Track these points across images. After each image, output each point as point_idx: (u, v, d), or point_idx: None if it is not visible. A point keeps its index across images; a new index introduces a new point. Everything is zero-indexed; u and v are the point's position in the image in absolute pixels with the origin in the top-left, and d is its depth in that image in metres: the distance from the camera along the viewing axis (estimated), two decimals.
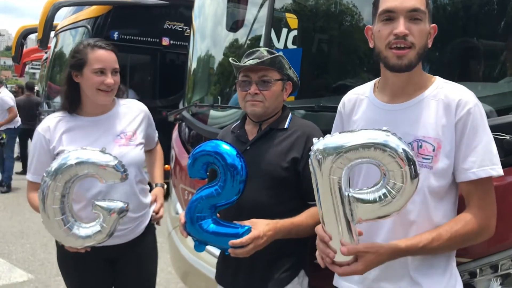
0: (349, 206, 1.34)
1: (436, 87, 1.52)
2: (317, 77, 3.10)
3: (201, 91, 3.89)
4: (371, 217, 1.35)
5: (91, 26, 6.99)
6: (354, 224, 1.37)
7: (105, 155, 1.84)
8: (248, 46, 3.34)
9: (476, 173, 1.42)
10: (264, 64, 1.82)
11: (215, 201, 1.70)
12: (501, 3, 2.13)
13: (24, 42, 11.01)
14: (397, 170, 1.26)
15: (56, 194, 1.79)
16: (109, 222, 1.86)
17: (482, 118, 1.45)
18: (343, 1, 2.84)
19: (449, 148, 1.46)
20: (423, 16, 1.44)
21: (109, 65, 2.08)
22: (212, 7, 3.86)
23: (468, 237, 1.45)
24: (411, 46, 1.44)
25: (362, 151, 1.27)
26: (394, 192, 1.29)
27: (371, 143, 1.27)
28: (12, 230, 6.03)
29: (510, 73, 2.08)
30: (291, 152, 1.84)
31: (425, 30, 1.46)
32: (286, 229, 1.72)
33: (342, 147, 1.28)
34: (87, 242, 1.88)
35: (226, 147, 1.70)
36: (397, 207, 1.31)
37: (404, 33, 1.41)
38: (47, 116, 2.22)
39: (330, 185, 1.33)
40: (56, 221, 1.82)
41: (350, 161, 1.29)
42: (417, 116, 1.50)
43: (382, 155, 1.26)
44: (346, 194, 1.33)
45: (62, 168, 1.78)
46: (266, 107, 1.87)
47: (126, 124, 2.21)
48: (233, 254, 1.66)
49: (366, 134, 1.30)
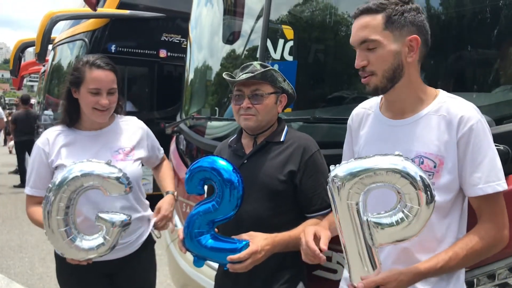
0: (368, 230, 1.37)
1: (439, 102, 1.52)
2: (313, 89, 3.12)
3: (198, 103, 3.91)
4: (390, 240, 1.37)
5: (88, 39, 7.03)
6: (375, 248, 1.39)
7: (110, 167, 1.85)
8: (245, 57, 3.37)
9: (483, 189, 1.43)
10: (256, 78, 1.83)
11: (213, 216, 1.71)
12: (495, 12, 2.16)
13: (22, 55, 11.07)
14: (413, 193, 1.31)
15: (61, 205, 1.80)
16: (112, 235, 1.86)
17: (485, 133, 1.45)
18: (338, 12, 2.87)
19: (452, 164, 1.46)
20: (376, 43, 1.46)
21: (105, 85, 2.08)
22: (208, 19, 3.89)
23: (483, 252, 1.45)
24: (372, 74, 1.49)
25: (378, 176, 1.32)
26: (411, 216, 1.32)
27: (387, 168, 1.32)
28: (10, 244, 6.01)
29: (504, 83, 2.10)
30: (288, 165, 1.85)
31: (384, 54, 1.46)
32: (284, 242, 1.73)
33: (359, 173, 1.33)
34: (89, 255, 1.87)
35: (222, 163, 1.71)
36: (415, 231, 1.34)
37: (358, 66, 1.50)
38: (46, 130, 2.23)
39: (349, 210, 1.36)
40: (59, 232, 1.82)
41: (366, 186, 1.34)
42: (419, 132, 1.50)
43: (397, 179, 1.31)
44: (365, 219, 1.37)
45: (68, 179, 1.79)
46: (259, 120, 1.88)
47: (124, 140, 2.21)
48: (231, 269, 1.66)
49: (381, 159, 1.35)
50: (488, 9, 2.19)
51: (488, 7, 2.18)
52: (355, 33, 1.50)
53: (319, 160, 1.89)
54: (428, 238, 1.49)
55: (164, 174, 2.48)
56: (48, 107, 8.44)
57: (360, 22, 1.49)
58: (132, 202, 2.18)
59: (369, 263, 1.39)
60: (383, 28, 1.46)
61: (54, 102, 8.31)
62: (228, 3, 3.59)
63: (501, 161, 1.63)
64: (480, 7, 2.23)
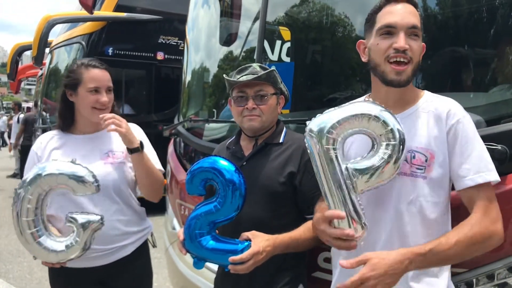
0: (349, 177, 1.40)
1: (426, 101, 1.57)
2: (311, 90, 3.12)
3: (196, 105, 3.91)
4: (370, 185, 1.41)
5: (85, 42, 7.03)
6: (357, 195, 1.41)
7: (75, 166, 1.84)
8: (242, 58, 3.37)
9: (473, 179, 1.44)
10: (261, 79, 1.85)
11: (214, 217, 1.70)
12: (491, 12, 2.16)
13: (19, 59, 11.06)
14: (386, 130, 1.38)
15: (29, 207, 1.80)
16: (83, 236, 1.84)
17: (471, 127, 1.49)
18: (335, 13, 2.87)
19: (442, 158, 1.48)
20: (419, 33, 1.50)
21: (103, 84, 2.12)
22: (205, 21, 3.89)
23: (476, 240, 1.41)
24: (410, 61, 1.48)
25: (352, 121, 1.39)
26: (389, 151, 1.38)
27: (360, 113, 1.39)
28: (8, 248, 6.00)
29: (501, 82, 2.10)
30: (287, 166, 1.85)
31: (420, 47, 1.51)
32: (284, 244, 1.72)
33: (334, 119, 1.40)
34: (61, 257, 1.86)
35: (224, 163, 1.70)
36: (392, 172, 1.40)
37: (405, 47, 1.45)
38: (42, 134, 2.24)
39: (328, 156, 1.39)
40: (29, 233, 1.82)
41: (343, 130, 1.39)
42: (409, 128, 1.51)
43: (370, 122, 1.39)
44: (344, 166, 1.40)
45: (33, 180, 1.79)
46: (263, 121, 1.89)
47: (117, 144, 2.18)
48: (233, 270, 1.65)
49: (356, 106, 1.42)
50: (484, 8, 2.19)
51: (484, 6, 2.19)
52: (406, 15, 1.48)
53: None
54: (422, 234, 1.50)
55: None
56: (46, 111, 8.42)
57: (409, 8, 1.50)
58: (122, 207, 2.15)
59: (354, 212, 1.40)
60: (419, 23, 1.51)
61: (51, 105, 8.30)
62: (224, 5, 3.59)
63: (499, 161, 1.65)
64: (476, 7, 2.24)
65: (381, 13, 1.53)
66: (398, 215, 1.52)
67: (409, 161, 1.49)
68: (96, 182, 1.85)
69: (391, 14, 1.50)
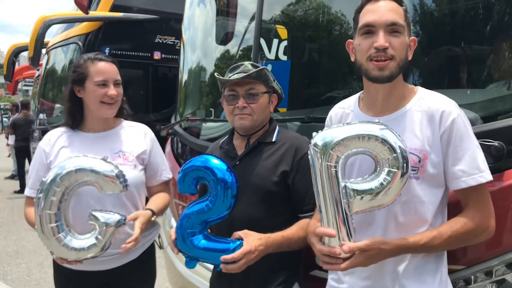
0: (346, 197, 1.39)
1: (419, 98, 1.55)
2: (308, 88, 3.11)
3: (193, 104, 3.90)
4: (366, 207, 1.41)
5: (82, 43, 7.01)
6: (351, 216, 1.41)
7: (107, 164, 1.82)
8: (239, 57, 3.36)
9: (466, 181, 1.45)
10: (251, 78, 1.83)
11: (206, 216, 1.69)
12: (487, 9, 2.16)
13: (15, 60, 11.01)
14: (391, 156, 1.36)
15: (54, 200, 1.77)
16: (105, 235, 1.82)
17: (466, 127, 1.48)
18: (331, 11, 2.87)
19: (436, 158, 1.48)
20: (402, 29, 1.48)
21: (111, 76, 2.06)
22: (201, 20, 3.88)
23: (467, 236, 1.47)
24: (392, 58, 1.46)
25: (358, 140, 1.38)
26: (390, 178, 1.36)
27: (366, 134, 1.37)
28: (7, 250, 5.98)
29: (497, 79, 2.10)
30: (281, 165, 1.84)
31: (405, 43, 1.49)
32: (277, 243, 1.72)
33: (339, 137, 1.39)
34: (81, 255, 1.82)
35: (216, 162, 1.69)
36: (390, 198, 1.39)
37: (384, 46, 1.45)
38: (47, 132, 2.20)
39: (328, 173, 1.39)
40: (50, 228, 1.78)
41: (347, 149, 1.39)
42: (402, 128, 1.50)
43: (375, 144, 1.37)
44: (343, 185, 1.39)
45: (62, 173, 1.76)
46: (254, 120, 1.87)
47: (127, 145, 2.14)
48: (224, 269, 1.64)
49: (362, 126, 1.40)
50: (480, 5, 2.19)
51: (480, 3, 2.19)
52: (385, 13, 1.47)
53: None
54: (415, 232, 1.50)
55: (157, 196, 2.24)
56: (43, 111, 8.40)
57: (389, 5, 1.49)
58: (130, 210, 2.08)
59: (345, 232, 1.40)
60: (404, 19, 1.50)
61: (48, 106, 8.28)
62: (220, 4, 3.58)
63: (496, 157, 1.65)
64: (472, 4, 2.24)
65: (362, 12, 1.53)
66: (393, 216, 1.52)
67: None
68: (125, 182, 1.83)
69: (370, 12, 1.49)
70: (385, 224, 1.54)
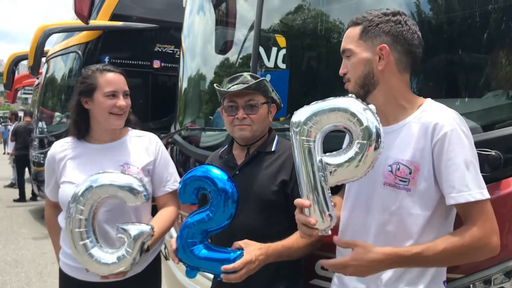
0: (322, 170, 1.42)
1: (422, 111, 1.53)
2: (307, 96, 3.13)
3: (192, 113, 3.91)
4: (341, 178, 1.43)
5: (82, 52, 7.03)
6: (328, 188, 1.44)
7: (126, 176, 1.85)
8: (239, 65, 3.38)
9: (455, 198, 1.42)
10: (251, 89, 1.85)
11: (207, 226, 1.69)
12: (484, 17, 2.17)
13: (15, 68, 11.04)
14: (359, 129, 1.37)
15: (81, 218, 1.81)
16: (135, 247, 1.83)
17: (460, 141, 1.43)
18: (329, 19, 2.89)
19: (427, 171, 1.46)
20: (350, 52, 1.57)
21: (120, 87, 2.06)
22: (200, 29, 3.91)
23: (464, 250, 1.41)
24: (348, 80, 1.59)
25: (330, 114, 1.40)
26: (359, 151, 1.38)
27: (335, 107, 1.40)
28: (6, 259, 5.96)
29: (494, 88, 2.11)
30: (280, 175, 1.86)
31: (356, 62, 1.57)
32: (277, 252, 1.72)
33: (310, 112, 1.42)
34: (112, 269, 1.84)
35: (216, 172, 1.70)
36: (364, 169, 1.39)
37: (341, 73, 1.62)
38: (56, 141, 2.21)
39: (302, 147, 1.43)
40: (81, 245, 1.82)
41: (320, 124, 1.41)
42: (399, 139, 1.52)
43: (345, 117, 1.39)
44: (319, 159, 1.42)
45: (84, 192, 1.81)
46: (254, 130, 1.89)
47: (133, 157, 2.12)
48: (225, 279, 1.65)
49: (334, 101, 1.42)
50: (477, 13, 2.21)
51: (478, 12, 2.20)
52: (342, 43, 1.62)
53: None
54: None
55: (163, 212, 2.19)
56: (42, 120, 8.41)
57: (346, 34, 1.62)
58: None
59: (324, 204, 1.43)
60: (358, 38, 1.56)
61: (48, 114, 8.29)
62: (219, 13, 3.61)
63: (493, 167, 1.65)
64: (470, 13, 2.25)
65: None
66: (382, 224, 1.54)
67: (394, 172, 1.50)
68: (145, 191, 1.84)
69: None
70: (376, 234, 1.55)
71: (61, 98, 7.92)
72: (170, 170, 2.24)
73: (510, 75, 2.01)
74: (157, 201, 2.24)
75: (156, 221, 2.08)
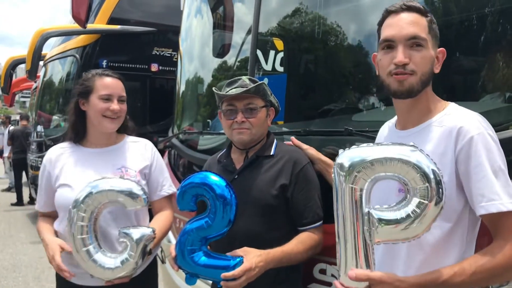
0: (368, 224, 1.27)
1: (444, 114, 1.45)
2: (305, 100, 3.12)
3: (190, 117, 3.90)
4: (388, 238, 1.27)
5: (79, 55, 7.04)
6: (371, 245, 1.29)
7: (124, 181, 1.87)
8: (237, 68, 3.38)
9: (486, 207, 1.30)
10: (250, 92, 1.85)
11: (206, 233, 1.68)
12: (481, 20, 2.17)
13: (13, 72, 11.04)
14: (423, 186, 1.21)
15: (82, 224, 1.82)
16: (137, 250, 1.84)
17: (488, 146, 1.33)
18: (327, 22, 2.89)
19: (447, 178, 1.34)
20: (424, 42, 1.41)
21: (115, 92, 2.09)
22: (197, 32, 3.91)
23: (496, 272, 1.28)
24: (412, 73, 1.41)
25: (387, 164, 1.24)
26: (419, 211, 1.22)
27: (397, 158, 1.24)
28: (3, 263, 5.93)
29: (491, 91, 2.11)
30: (279, 179, 1.85)
31: (428, 56, 1.42)
32: (277, 258, 1.71)
33: (368, 158, 1.26)
34: (117, 273, 1.85)
35: (215, 178, 1.69)
36: (418, 232, 1.24)
37: (403, 62, 1.39)
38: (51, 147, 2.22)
39: (351, 195, 1.27)
40: (84, 251, 1.83)
41: (374, 172, 1.26)
42: (419, 143, 1.36)
43: (407, 169, 1.23)
44: (367, 211, 1.27)
45: (85, 198, 1.81)
46: (253, 134, 1.88)
47: (130, 160, 2.14)
48: (225, 286, 1.64)
49: (393, 148, 1.28)
50: (474, 16, 2.21)
51: (477, 14, 2.20)
52: (405, 26, 1.41)
53: (310, 173, 1.89)
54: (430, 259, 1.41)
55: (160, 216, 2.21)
56: (40, 123, 8.40)
57: (410, 17, 1.43)
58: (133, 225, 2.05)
59: (364, 261, 1.29)
60: (428, 32, 1.43)
61: (46, 118, 8.28)
62: (217, 16, 3.61)
63: None
64: (467, 15, 2.25)
65: (383, 26, 1.48)
66: None
67: None
68: (144, 195, 1.86)
69: (390, 26, 1.44)
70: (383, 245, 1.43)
71: (59, 101, 7.92)
72: (165, 174, 2.27)
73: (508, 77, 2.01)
74: (153, 206, 2.25)
75: (155, 225, 2.10)
